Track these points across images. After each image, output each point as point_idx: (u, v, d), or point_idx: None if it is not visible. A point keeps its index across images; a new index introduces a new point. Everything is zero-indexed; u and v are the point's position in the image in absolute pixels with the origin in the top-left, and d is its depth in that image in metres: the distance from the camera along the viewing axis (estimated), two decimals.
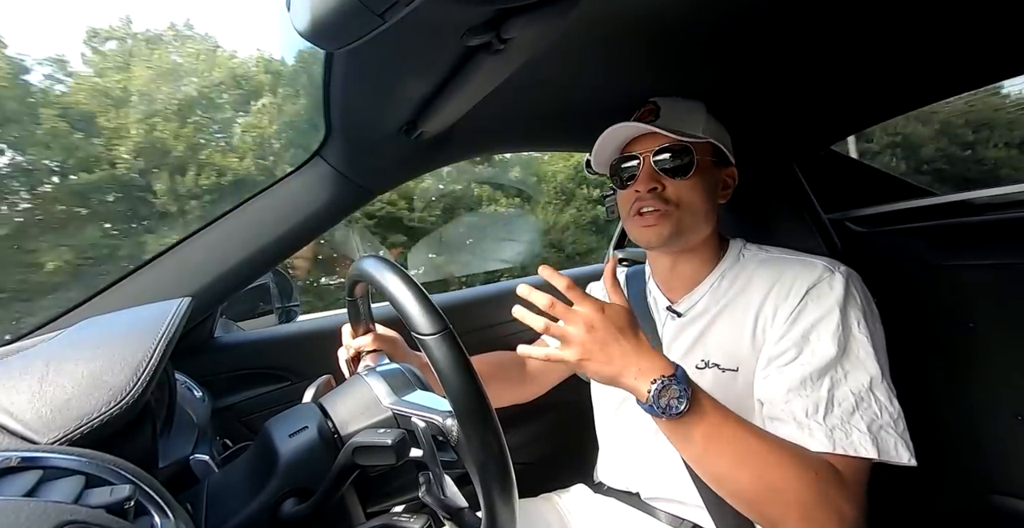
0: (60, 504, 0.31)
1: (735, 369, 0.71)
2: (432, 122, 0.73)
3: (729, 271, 0.79)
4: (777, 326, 0.69)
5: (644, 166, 0.76)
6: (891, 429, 0.60)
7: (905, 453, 0.59)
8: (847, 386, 0.62)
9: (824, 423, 0.60)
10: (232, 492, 0.51)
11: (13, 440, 0.40)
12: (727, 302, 0.76)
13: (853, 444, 0.58)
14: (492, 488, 0.42)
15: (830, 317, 0.66)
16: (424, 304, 0.44)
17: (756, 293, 0.73)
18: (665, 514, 0.78)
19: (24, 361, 0.48)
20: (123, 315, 0.60)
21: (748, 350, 0.71)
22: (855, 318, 0.66)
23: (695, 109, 0.78)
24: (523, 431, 1.22)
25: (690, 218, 0.75)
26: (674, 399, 0.56)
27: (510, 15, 0.47)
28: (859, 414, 0.60)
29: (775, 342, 0.68)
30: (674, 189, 0.75)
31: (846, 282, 0.69)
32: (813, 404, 0.61)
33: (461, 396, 0.42)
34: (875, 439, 0.59)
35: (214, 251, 0.82)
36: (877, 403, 0.61)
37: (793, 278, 0.71)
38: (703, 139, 0.75)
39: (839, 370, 0.63)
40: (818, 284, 0.69)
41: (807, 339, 0.66)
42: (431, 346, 0.42)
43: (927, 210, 0.95)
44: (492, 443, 0.42)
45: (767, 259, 0.77)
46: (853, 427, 0.59)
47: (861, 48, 0.78)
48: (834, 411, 0.61)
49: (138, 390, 0.44)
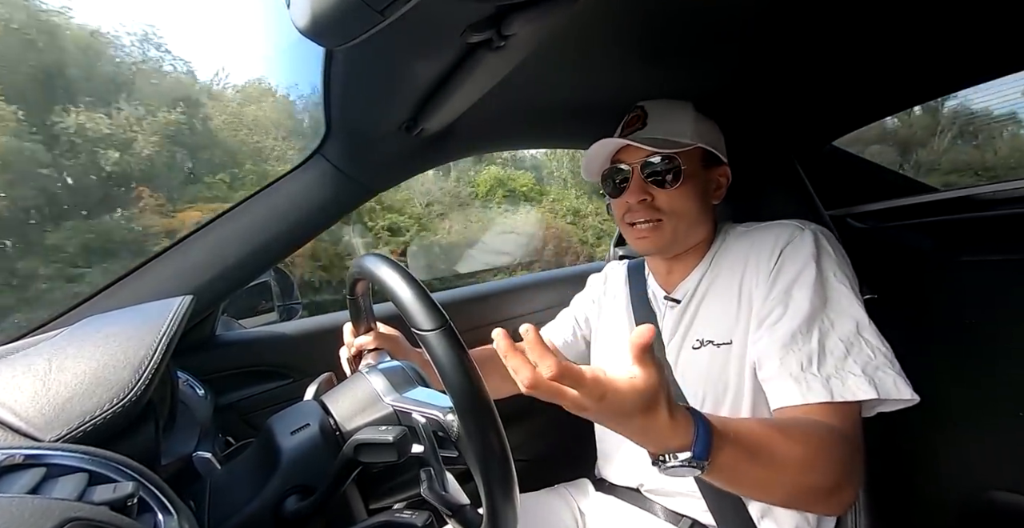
0: (63, 501, 0.31)
1: (729, 342, 0.72)
2: (432, 119, 0.73)
3: (717, 253, 0.80)
4: (760, 288, 0.70)
5: (633, 177, 0.77)
6: (888, 368, 0.60)
7: (906, 389, 0.59)
8: (835, 334, 0.63)
9: (819, 374, 0.60)
10: (235, 489, 0.51)
11: (16, 438, 0.40)
12: (714, 279, 0.78)
13: (850, 389, 0.58)
14: (493, 483, 0.42)
15: (807, 270, 0.67)
16: (423, 300, 0.44)
17: (736, 265, 0.75)
18: (665, 509, 0.78)
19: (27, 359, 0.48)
20: (125, 313, 0.60)
21: (736, 321, 0.72)
22: (831, 269, 0.68)
23: (683, 113, 0.78)
24: (524, 428, 1.22)
25: (683, 225, 0.77)
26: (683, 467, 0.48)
27: (510, 11, 0.47)
28: (851, 358, 0.61)
29: (761, 303, 0.69)
30: (665, 199, 0.76)
31: (816, 236, 0.71)
32: (807, 357, 0.62)
33: (461, 391, 0.42)
34: (871, 380, 0.59)
35: (215, 249, 0.82)
36: (868, 345, 0.62)
37: (767, 241, 0.73)
38: (691, 146, 0.75)
39: (825, 320, 0.64)
40: (791, 242, 0.71)
41: (790, 294, 0.67)
42: (431, 342, 0.42)
43: (929, 206, 0.95)
44: (493, 438, 0.42)
45: (744, 232, 0.79)
46: (848, 373, 0.60)
47: (860, 44, 0.78)
48: (827, 360, 0.61)
49: (140, 388, 0.45)
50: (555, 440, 1.26)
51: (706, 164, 0.79)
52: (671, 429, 0.47)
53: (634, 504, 0.82)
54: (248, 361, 0.95)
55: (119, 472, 0.37)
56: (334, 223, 0.93)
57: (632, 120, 0.80)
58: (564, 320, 1.04)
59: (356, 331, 0.75)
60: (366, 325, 0.74)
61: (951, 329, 0.92)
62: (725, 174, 0.82)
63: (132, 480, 0.36)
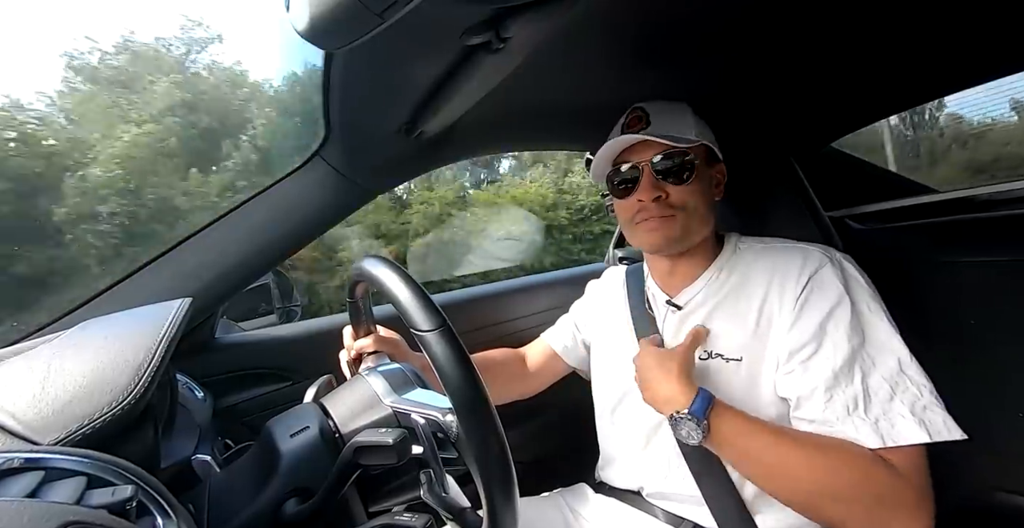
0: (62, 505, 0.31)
1: (739, 359, 0.72)
2: (432, 122, 0.73)
3: (727, 264, 0.80)
4: (784, 315, 0.69)
5: (644, 175, 0.76)
6: (935, 407, 0.59)
7: (956, 430, 0.58)
8: (878, 373, 0.62)
9: (867, 417, 0.59)
10: (234, 492, 0.51)
11: (15, 441, 0.40)
12: (727, 292, 0.77)
13: (901, 433, 0.58)
14: (492, 483, 0.42)
15: (841, 306, 0.66)
16: (422, 300, 0.44)
17: (757, 282, 0.74)
18: (666, 513, 0.78)
19: (25, 362, 0.48)
20: (124, 316, 0.60)
21: (752, 339, 0.71)
22: (864, 301, 0.67)
23: (683, 112, 0.79)
24: (523, 431, 1.22)
25: (694, 221, 0.77)
26: (691, 431, 0.63)
27: (509, 14, 0.47)
28: (898, 399, 0.60)
29: (787, 331, 0.68)
30: (677, 195, 0.75)
31: (844, 267, 0.70)
32: (852, 399, 0.61)
33: (460, 391, 0.42)
34: (921, 421, 0.58)
35: (214, 251, 0.82)
36: (913, 383, 0.61)
37: (792, 266, 0.72)
38: (697, 142, 0.75)
39: (866, 358, 0.63)
40: (819, 271, 0.70)
41: (824, 330, 0.66)
42: (429, 342, 0.42)
43: (928, 207, 0.95)
44: (492, 437, 0.42)
45: (764, 249, 0.78)
46: (896, 414, 0.59)
47: (859, 45, 0.78)
48: (873, 402, 0.60)
49: (139, 391, 0.45)
50: (554, 444, 1.26)
51: (708, 161, 0.79)
52: (678, 383, 0.67)
53: (635, 507, 0.81)
54: (247, 364, 0.95)
55: (118, 475, 0.37)
56: (333, 225, 0.93)
57: (633, 120, 0.79)
58: (564, 326, 1.04)
59: (356, 334, 0.75)
60: (366, 328, 0.74)
61: (951, 330, 0.92)
62: (722, 171, 0.83)
63: (131, 483, 0.36)
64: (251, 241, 0.84)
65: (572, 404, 1.07)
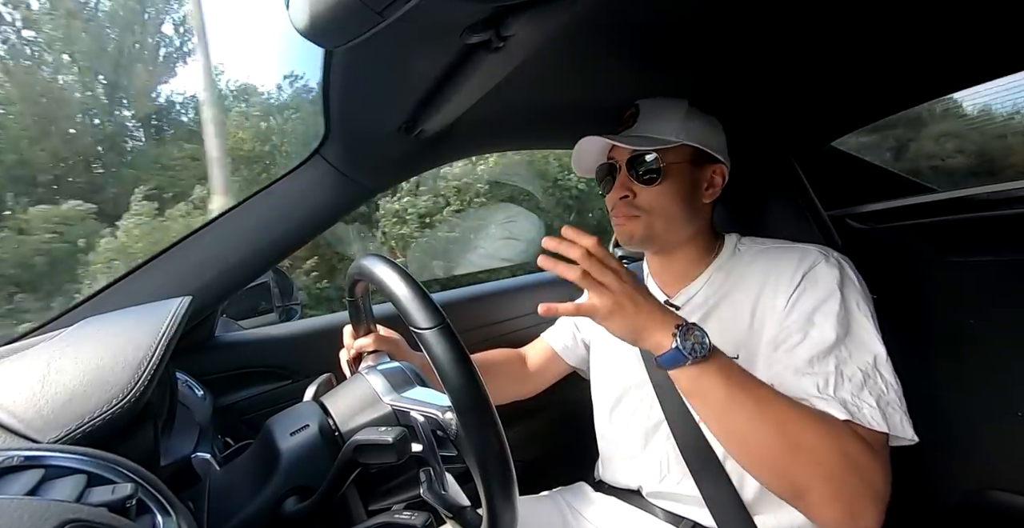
0: (62, 503, 0.31)
1: (735, 356, 0.72)
2: (432, 120, 0.73)
3: (726, 264, 0.80)
4: (776, 311, 0.70)
5: (620, 173, 0.78)
6: (897, 406, 0.61)
7: (910, 430, 0.60)
8: (854, 363, 0.63)
9: (836, 395, 0.60)
10: (234, 490, 0.51)
11: (15, 439, 0.40)
12: (725, 293, 0.77)
13: (866, 417, 0.58)
14: (492, 482, 0.42)
15: (831, 300, 0.67)
16: (421, 298, 0.44)
17: (753, 282, 0.74)
18: (665, 512, 0.78)
19: (25, 361, 0.48)
20: (124, 314, 0.60)
21: (747, 336, 0.72)
22: (854, 300, 0.68)
23: (673, 111, 0.78)
24: (523, 430, 1.22)
25: (661, 222, 0.77)
26: (698, 342, 0.59)
27: (510, 12, 0.47)
28: (867, 389, 0.61)
29: (777, 326, 0.69)
30: (645, 196, 0.77)
31: (841, 265, 0.71)
32: (823, 379, 0.62)
33: (459, 389, 0.42)
34: (884, 414, 0.59)
35: (214, 250, 0.82)
36: (883, 380, 0.62)
37: (788, 264, 0.72)
38: (674, 143, 0.75)
39: (844, 349, 0.64)
40: (814, 268, 0.70)
41: (811, 321, 0.66)
42: (429, 340, 0.42)
43: (928, 206, 0.95)
44: (491, 435, 0.42)
45: (763, 250, 0.78)
46: (863, 402, 0.60)
47: (860, 44, 0.78)
48: (844, 385, 0.61)
49: (139, 389, 0.45)
50: (553, 443, 1.26)
51: (696, 162, 0.78)
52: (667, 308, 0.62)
53: (634, 506, 0.81)
54: (247, 362, 0.95)
55: (118, 473, 0.37)
56: (333, 224, 0.93)
57: (627, 118, 0.81)
58: (564, 325, 1.04)
59: (356, 333, 0.75)
60: (366, 327, 0.74)
61: (950, 329, 0.92)
62: (720, 172, 0.81)
63: (131, 481, 0.36)
64: (251, 240, 0.84)
65: (571, 404, 1.08)
